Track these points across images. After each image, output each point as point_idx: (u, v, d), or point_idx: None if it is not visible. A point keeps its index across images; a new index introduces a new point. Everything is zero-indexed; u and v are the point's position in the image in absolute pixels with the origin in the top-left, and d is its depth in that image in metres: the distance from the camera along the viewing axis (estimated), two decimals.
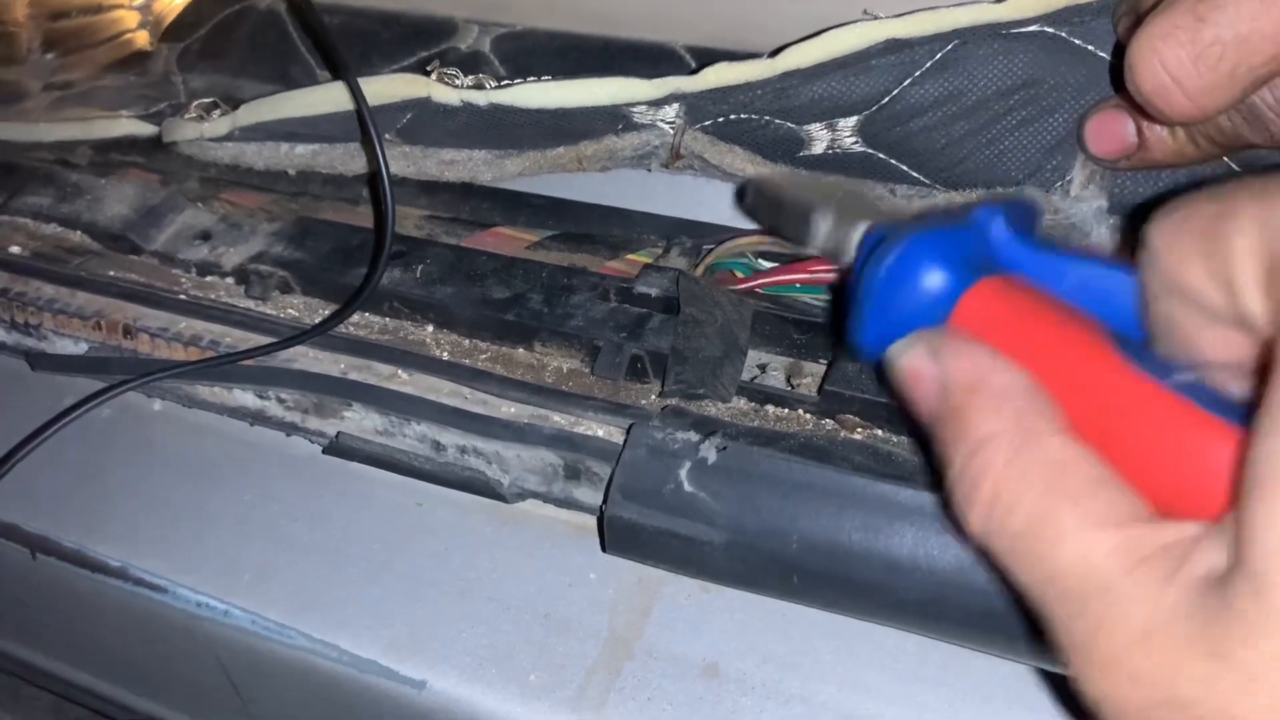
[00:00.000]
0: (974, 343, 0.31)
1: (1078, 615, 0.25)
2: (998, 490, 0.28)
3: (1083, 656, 0.25)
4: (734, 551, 0.39)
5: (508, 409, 0.47)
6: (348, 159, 0.55)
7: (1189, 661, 0.23)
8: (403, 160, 0.53)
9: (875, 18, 0.45)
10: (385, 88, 0.51)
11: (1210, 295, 0.26)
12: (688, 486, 0.40)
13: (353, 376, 0.49)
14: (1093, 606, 0.25)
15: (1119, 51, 0.42)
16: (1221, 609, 0.23)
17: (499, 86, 0.50)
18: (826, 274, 0.47)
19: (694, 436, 0.41)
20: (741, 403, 0.46)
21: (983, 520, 0.28)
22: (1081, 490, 0.26)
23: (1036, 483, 0.27)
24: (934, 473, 0.35)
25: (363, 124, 0.50)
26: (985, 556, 0.28)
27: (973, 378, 0.30)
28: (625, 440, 0.42)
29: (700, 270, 0.50)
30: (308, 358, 0.50)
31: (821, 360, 0.48)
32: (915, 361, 0.31)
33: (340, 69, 0.50)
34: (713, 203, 0.54)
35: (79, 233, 0.59)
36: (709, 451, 0.41)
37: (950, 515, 0.29)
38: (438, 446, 0.47)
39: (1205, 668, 0.23)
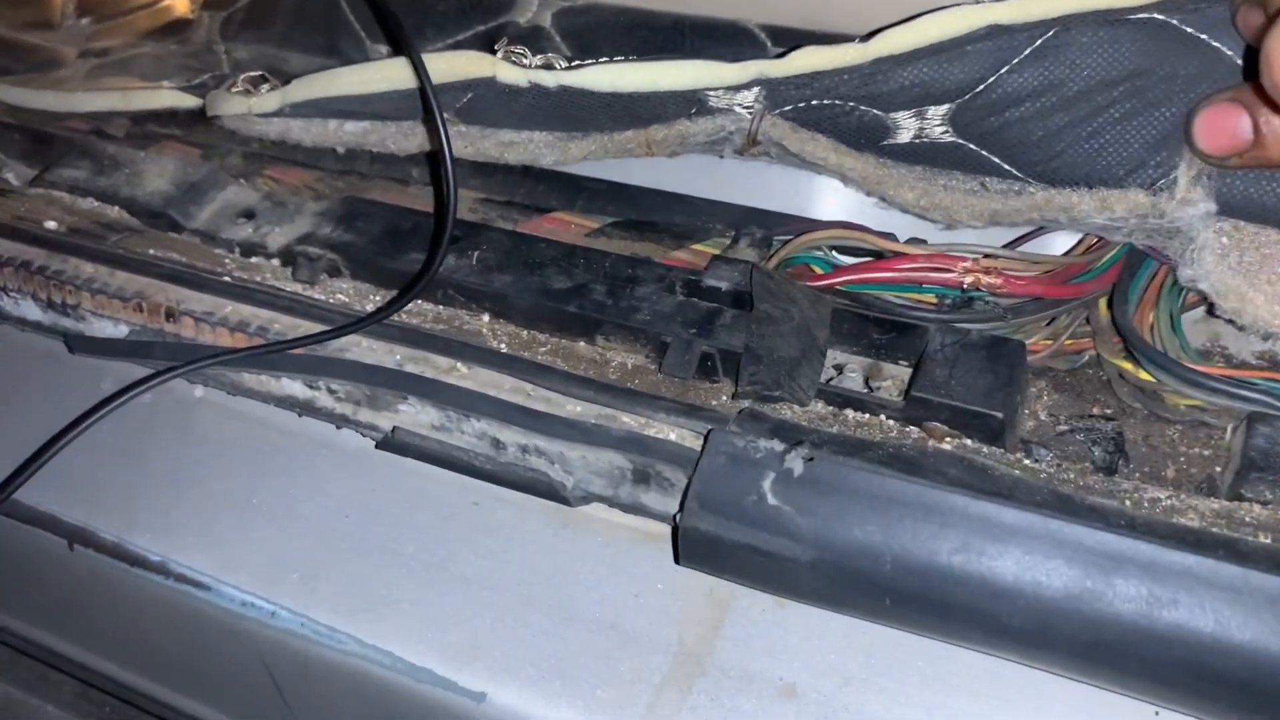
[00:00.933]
0: None
1: None
2: None
3: None
4: (821, 570, 0.37)
5: (573, 407, 0.45)
6: (401, 137, 0.53)
7: None
8: (460, 140, 0.51)
9: (976, 1, 0.43)
10: (448, 66, 0.48)
11: None
12: (771, 499, 0.38)
13: (409, 369, 0.47)
14: None
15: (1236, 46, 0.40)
16: None
17: (569, 68, 0.47)
18: (914, 272, 0.44)
19: (778, 446, 0.39)
20: (819, 406, 0.43)
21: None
22: None
23: None
24: None
25: (425, 104, 0.48)
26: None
27: None
28: (703, 446, 0.40)
29: (773, 263, 0.48)
30: (361, 347, 0.48)
31: (903, 362, 0.46)
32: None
33: (403, 45, 0.48)
34: (783, 190, 0.52)
35: (117, 208, 0.57)
36: (795, 463, 0.38)
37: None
38: (497, 445, 0.45)
39: None
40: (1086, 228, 0.45)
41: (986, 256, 0.45)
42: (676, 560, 0.41)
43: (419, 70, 0.46)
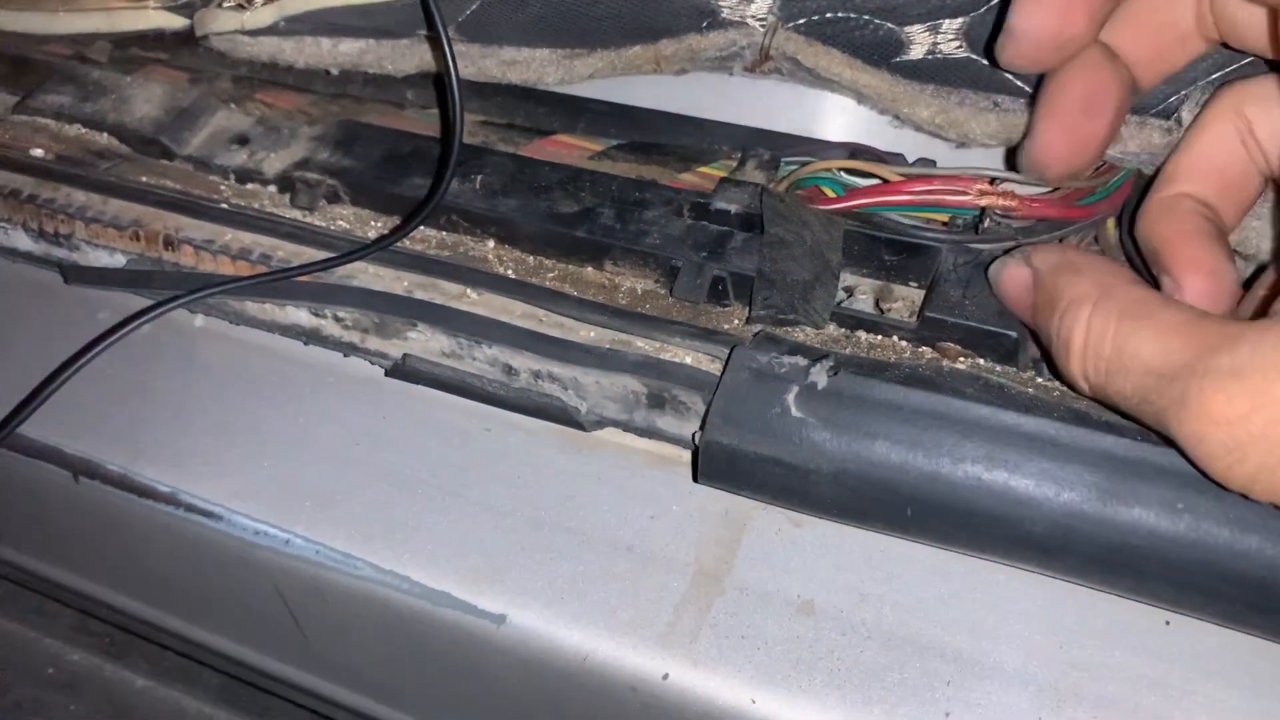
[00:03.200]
0: (1054, 245, 0.42)
1: (1176, 391, 0.31)
2: (1085, 338, 0.35)
3: (1183, 424, 0.31)
4: (844, 481, 0.37)
5: (586, 332, 0.44)
6: (398, 57, 0.52)
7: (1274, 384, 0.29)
8: (460, 60, 0.50)
9: None
10: None
11: None
12: (795, 411, 0.38)
13: (418, 295, 0.46)
14: (1185, 377, 0.31)
15: None
16: None
17: None
18: (929, 195, 0.44)
19: (802, 361, 0.39)
20: (832, 329, 0.43)
21: (1079, 363, 0.35)
22: (1154, 310, 0.33)
23: (1115, 320, 0.34)
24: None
25: (428, 15, 0.46)
26: (1096, 399, 0.36)
27: (1057, 261, 0.38)
28: (726, 363, 0.40)
29: (784, 186, 0.48)
30: (367, 274, 0.47)
31: (913, 283, 0.45)
32: (1011, 269, 0.40)
33: None
34: (790, 110, 0.51)
35: (106, 135, 0.55)
36: (820, 376, 0.38)
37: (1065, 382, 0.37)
38: (510, 371, 0.45)
39: None
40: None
41: (999, 179, 0.45)
42: (695, 478, 0.42)
43: None
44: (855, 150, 0.49)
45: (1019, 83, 0.45)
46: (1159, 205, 0.40)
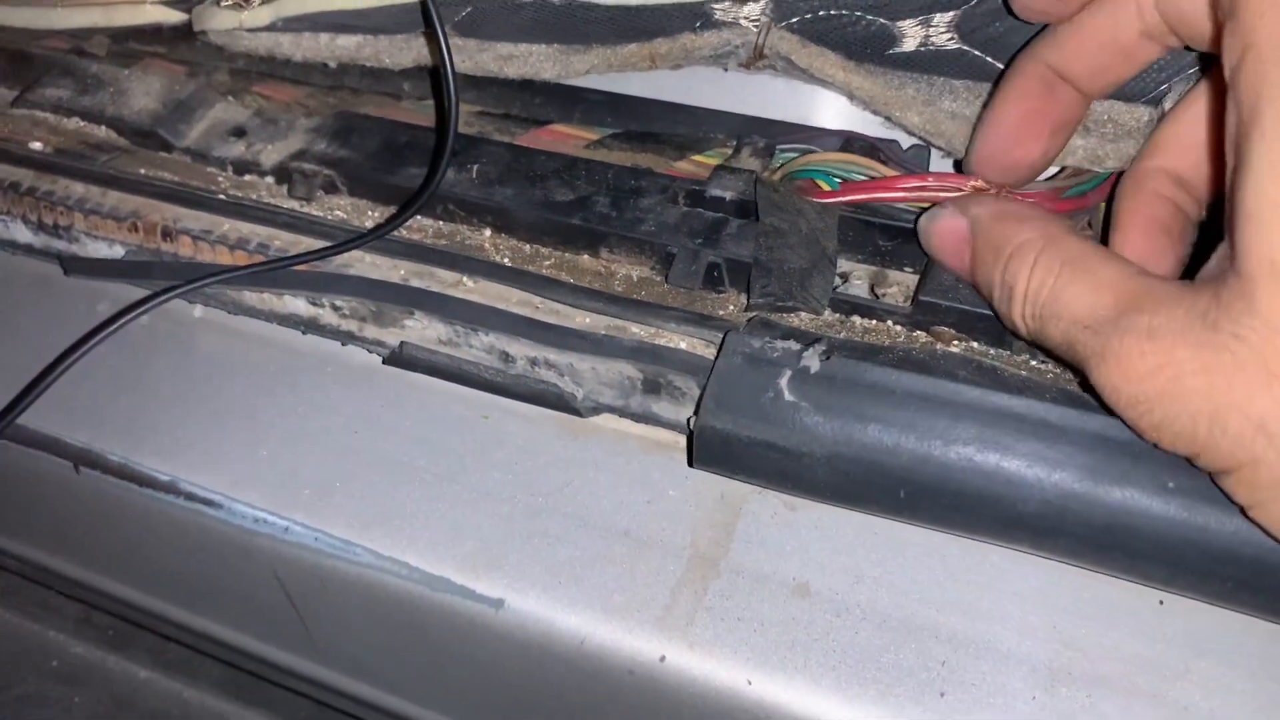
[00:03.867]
0: (987, 196, 0.42)
1: (1098, 344, 0.33)
2: (1026, 286, 0.36)
3: (1100, 374, 0.33)
4: (837, 464, 0.38)
5: (582, 319, 0.45)
6: (395, 51, 0.52)
7: (1186, 347, 0.31)
8: (457, 54, 0.50)
9: None
10: None
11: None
12: (788, 395, 0.38)
13: (414, 283, 0.46)
14: (1107, 332, 0.33)
15: None
16: (1212, 307, 0.31)
17: None
18: (924, 191, 0.44)
19: (794, 345, 0.39)
20: (826, 314, 0.44)
21: (1022, 311, 0.36)
22: (1093, 264, 0.35)
23: (1057, 268, 0.35)
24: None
25: (427, 18, 0.47)
26: (1033, 342, 0.37)
27: (997, 209, 0.39)
28: (720, 348, 0.40)
29: (778, 175, 0.48)
30: (364, 263, 0.48)
31: (908, 268, 0.46)
32: (946, 220, 0.41)
33: None
34: (785, 99, 0.51)
35: (104, 128, 0.55)
36: (812, 360, 0.39)
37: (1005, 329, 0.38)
38: (506, 358, 0.45)
39: (1202, 348, 0.31)
40: None
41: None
42: (690, 463, 0.42)
43: None
44: (850, 138, 0.49)
45: None
46: (1129, 178, 0.41)
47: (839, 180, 0.46)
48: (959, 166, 0.47)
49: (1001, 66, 0.45)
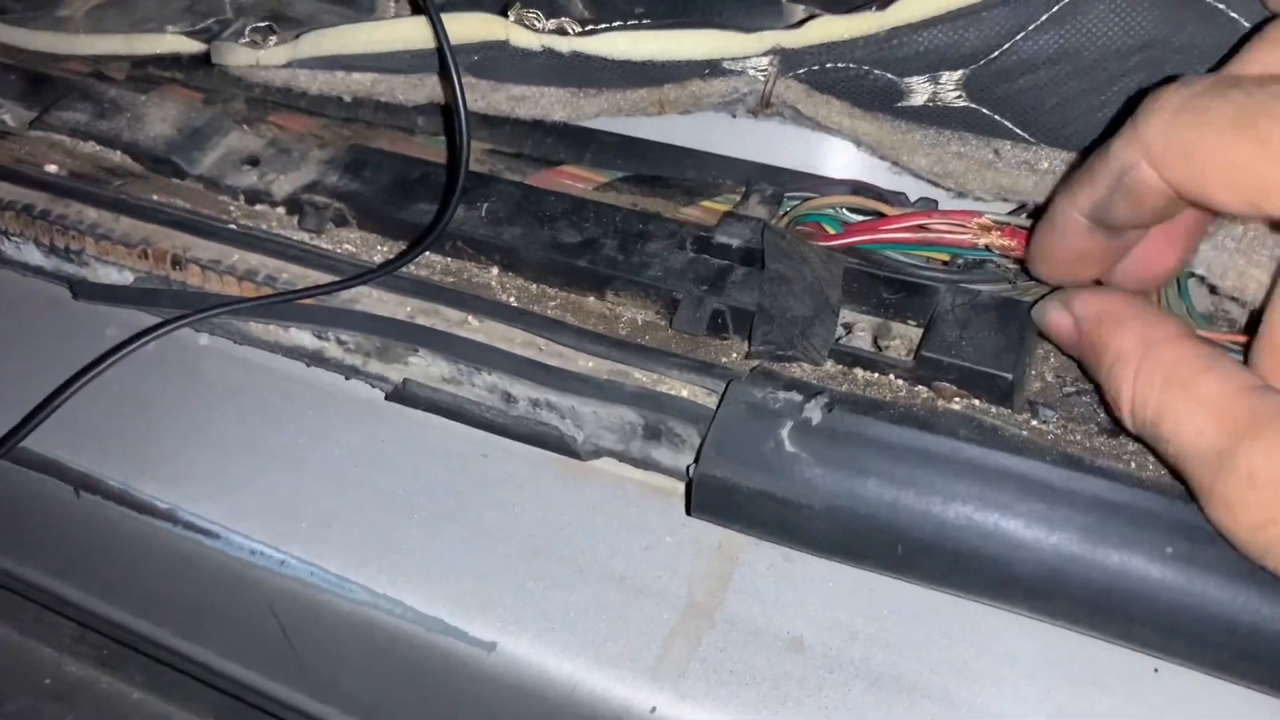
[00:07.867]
0: (1096, 290, 0.40)
1: (1206, 483, 0.33)
2: (1132, 396, 0.35)
3: (1210, 511, 0.33)
4: (835, 518, 0.38)
5: (584, 362, 0.45)
6: (409, 89, 0.52)
7: None
8: (471, 93, 0.50)
9: None
10: (460, 27, 0.47)
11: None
12: (789, 447, 0.38)
13: (420, 321, 0.47)
14: (1214, 469, 0.32)
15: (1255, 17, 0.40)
16: None
17: (583, 32, 0.47)
18: (928, 232, 0.44)
19: (797, 396, 0.39)
20: (828, 365, 0.44)
21: (1130, 421, 0.36)
22: (1194, 380, 0.33)
23: (1158, 382, 0.35)
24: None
25: (443, 64, 0.47)
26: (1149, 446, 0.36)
27: (1098, 310, 0.38)
28: (721, 397, 0.40)
29: (785, 222, 0.48)
30: (371, 298, 0.48)
31: (912, 322, 0.46)
32: (1053, 315, 0.41)
33: (423, 6, 0.47)
34: (794, 146, 0.52)
35: (119, 153, 0.56)
36: (814, 412, 0.39)
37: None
38: (508, 398, 0.45)
39: None
40: None
41: (1000, 220, 0.45)
42: (688, 511, 0.42)
43: (439, 33, 0.46)
44: (858, 188, 0.49)
45: (1019, 131, 0.45)
46: None
47: (843, 224, 0.47)
48: None
49: (1010, 125, 0.45)
